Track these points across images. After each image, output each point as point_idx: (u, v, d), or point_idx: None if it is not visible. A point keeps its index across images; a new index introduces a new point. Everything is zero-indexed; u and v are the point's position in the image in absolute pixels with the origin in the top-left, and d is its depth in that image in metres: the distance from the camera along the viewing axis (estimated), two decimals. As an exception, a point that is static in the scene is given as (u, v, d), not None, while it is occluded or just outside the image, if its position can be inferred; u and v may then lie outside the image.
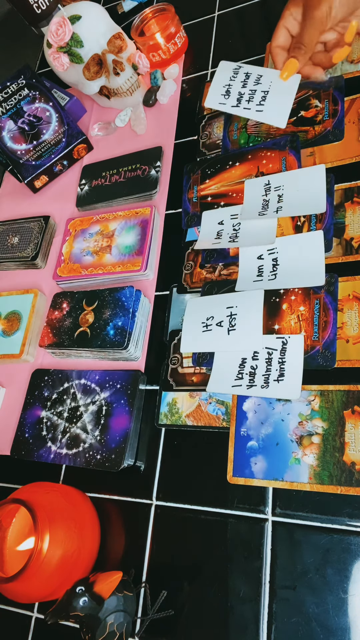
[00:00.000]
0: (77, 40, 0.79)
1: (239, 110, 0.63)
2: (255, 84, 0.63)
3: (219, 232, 0.68)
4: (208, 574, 0.53)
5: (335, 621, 0.46)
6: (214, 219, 0.70)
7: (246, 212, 0.67)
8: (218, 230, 0.68)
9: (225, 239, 0.66)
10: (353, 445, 0.50)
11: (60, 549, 0.52)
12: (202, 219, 0.71)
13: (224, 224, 0.68)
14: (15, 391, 0.75)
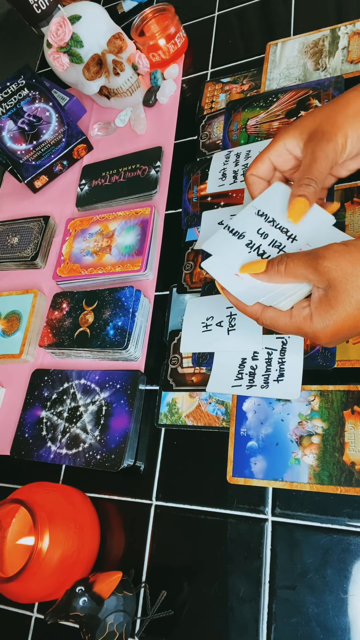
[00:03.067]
0: (77, 40, 0.79)
1: (236, 185, 0.70)
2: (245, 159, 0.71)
3: (219, 232, 0.68)
4: (208, 574, 0.53)
5: (335, 621, 0.46)
6: (214, 219, 0.70)
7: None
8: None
9: (225, 239, 0.66)
10: (353, 446, 0.50)
11: (60, 549, 0.52)
12: (202, 219, 0.71)
13: (224, 224, 0.68)
14: (15, 391, 0.75)
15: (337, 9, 0.79)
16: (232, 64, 0.84)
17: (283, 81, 0.76)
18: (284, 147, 0.48)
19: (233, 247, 0.47)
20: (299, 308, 0.43)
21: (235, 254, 0.47)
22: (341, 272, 0.39)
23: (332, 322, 0.40)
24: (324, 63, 0.73)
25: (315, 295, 0.42)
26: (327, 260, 0.39)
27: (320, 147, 0.44)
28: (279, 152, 0.48)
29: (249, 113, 0.75)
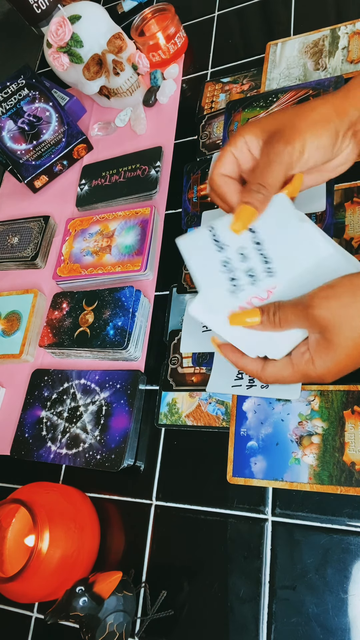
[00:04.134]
0: (77, 40, 0.79)
1: None
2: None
3: (219, 232, 0.68)
4: (208, 574, 0.53)
5: (335, 621, 0.46)
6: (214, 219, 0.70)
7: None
8: (218, 230, 0.68)
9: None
10: (353, 445, 0.50)
11: (60, 549, 0.52)
12: (202, 219, 0.71)
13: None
14: (15, 391, 0.75)
15: (337, 9, 0.79)
16: (232, 64, 0.84)
17: (283, 81, 0.76)
18: (244, 143, 0.44)
19: (209, 261, 0.43)
20: (298, 354, 0.42)
21: (214, 283, 0.43)
22: (332, 316, 0.38)
23: (333, 363, 0.40)
24: (324, 63, 0.73)
25: (312, 339, 0.41)
26: (317, 309, 0.38)
27: (276, 151, 0.41)
28: (240, 148, 0.44)
29: (249, 113, 0.75)
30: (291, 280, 0.41)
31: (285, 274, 0.41)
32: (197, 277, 0.44)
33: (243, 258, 0.43)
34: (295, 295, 0.41)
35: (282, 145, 0.41)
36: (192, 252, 0.44)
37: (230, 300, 0.43)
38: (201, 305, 0.44)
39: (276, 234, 0.42)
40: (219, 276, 0.43)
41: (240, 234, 0.42)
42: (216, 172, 0.45)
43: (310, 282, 0.40)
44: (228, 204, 0.45)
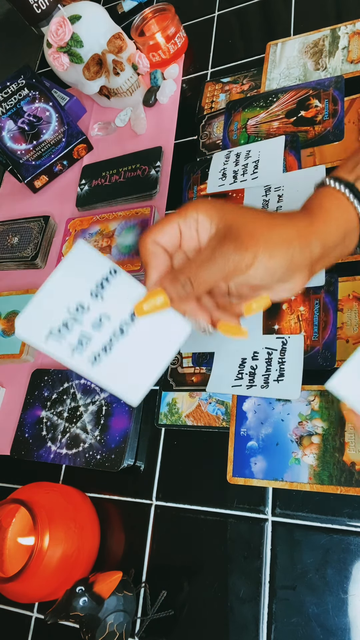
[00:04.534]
0: (77, 40, 0.79)
1: (236, 185, 0.70)
2: (245, 159, 0.71)
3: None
4: (208, 574, 0.53)
5: (335, 621, 0.46)
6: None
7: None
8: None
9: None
10: (353, 446, 0.50)
11: (60, 549, 0.52)
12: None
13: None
14: (15, 391, 0.75)
15: (337, 9, 0.79)
16: (232, 64, 0.84)
17: (283, 81, 0.76)
18: (195, 221, 0.38)
19: (72, 289, 0.38)
20: None
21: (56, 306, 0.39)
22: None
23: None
24: (324, 63, 0.74)
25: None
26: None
27: (224, 252, 0.36)
28: (189, 224, 0.38)
29: (249, 113, 0.75)
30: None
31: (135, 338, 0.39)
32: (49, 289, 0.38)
33: (86, 308, 0.38)
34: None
35: (232, 249, 0.36)
36: (69, 268, 0.38)
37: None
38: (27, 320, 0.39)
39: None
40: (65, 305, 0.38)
41: (139, 315, 0.38)
42: (150, 237, 0.39)
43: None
44: (146, 275, 0.39)
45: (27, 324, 0.37)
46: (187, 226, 0.39)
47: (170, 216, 0.39)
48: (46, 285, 0.36)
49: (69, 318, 0.37)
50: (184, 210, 0.39)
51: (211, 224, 0.38)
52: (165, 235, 0.39)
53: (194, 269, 0.37)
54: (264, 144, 0.71)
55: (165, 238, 0.39)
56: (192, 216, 0.38)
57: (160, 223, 0.39)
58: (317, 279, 0.57)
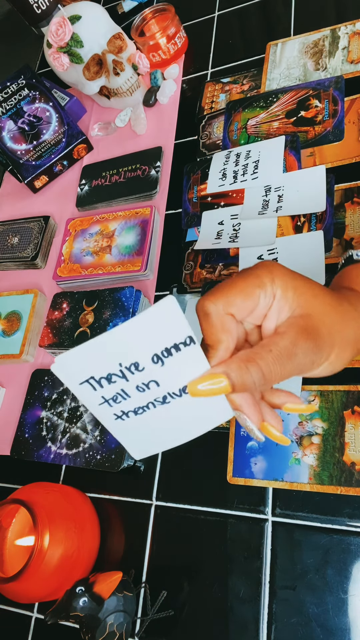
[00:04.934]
0: (77, 40, 0.79)
1: (236, 185, 0.69)
2: (245, 159, 0.70)
3: (219, 232, 0.68)
4: (208, 574, 0.53)
5: (335, 621, 0.46)
6: (214, 219, 0.70)
7: (246, 212, 0.67)
8: (218, 230, 0.68)
9: (225, 239, 0.66)
10: (353, 446, 0.50)
11: (60, 549, 0.52)
12: (202, 219, 0.71)
13: (224, 224, 0.68)
14: (15, 391, 0.75)
15: (337, 9, 0.79)
16: (232, 64, 0.84)
17: (283, 81, 0.76)
18: (272, 295, 0.32)
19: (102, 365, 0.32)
20: None
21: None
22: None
23: None
24: (324, 63, 0.74)
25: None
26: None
27: (305, 348, 0.32)
28: (268, 297, 0.32)
29: (249, 113, 0.75)
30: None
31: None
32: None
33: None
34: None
35: (312, 347, 0.32)
36: (146, 322, 0.30)
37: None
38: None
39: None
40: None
41: (194, 395, 0.32)
42: (227, 302, 0.31)
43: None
44: (208, 349, 0.32)
45: (67, 363, 0.31)
46: (265, 300, 0.32)
47: (246, 279, 0.32)
48: (114, 332, 0.29)
49: (116, 372, 0.31)
50: (258, 277, 0.32)
51: (285, 304, 0.32)
52: (243, 304, 0.32)
53: (270, 360, 0.31)
54: (264, 144, 0.71)
55: (242, 308, 0.32)
56: (269, 289, 0.32)
57: (236, 286, 0.32)
58: (318, 279, 0.57)
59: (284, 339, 0.32)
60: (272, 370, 0.31)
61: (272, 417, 0.35)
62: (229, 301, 0.32)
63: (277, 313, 0.32)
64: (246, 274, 0.32)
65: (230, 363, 0.31)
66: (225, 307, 0.32)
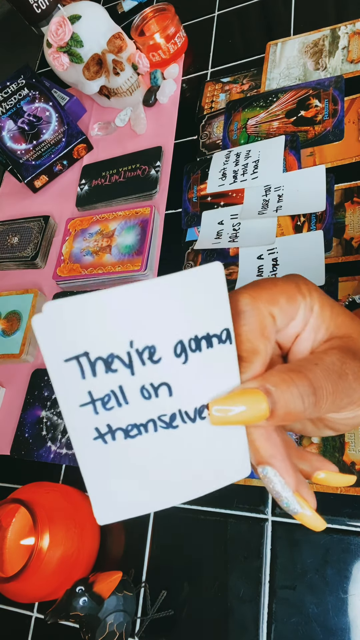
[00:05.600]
0: (77, 40, 0.79)
1: (236, 184, 0.69)
2: (245, 158, 0.70)
3: (219, 232, 0.68)
4: (208, 574, 0.53)
5: (335, 621, 0.46)
6: (214, 219, 0.70)
7: (246, 211, 0.67)
8: (218, 230, 0.68)
9: (225, 239, 0.66)
10: (353, 445, 0.50)
11: (60, 549, 0.52)
12: (202, 219, 0.71)
13: (224, 224, 0.68)
14: (15, 391, 0.75)
15: (337, 9, 0.79)
16: (232, 64, 0.84)
17: (283, 81, 0.76)
18: (310, 309, 0.26)
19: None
20: None
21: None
22: None
23: None
24: (324, 63, 0.74)
25: None
26: None
27: (357, 368, 0.25)
28: (307, 310, 0.26)
29: (249, 113, 0.75)
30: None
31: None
32: None
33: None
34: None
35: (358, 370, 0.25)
36: (182, 285, 0.22)
37: None
38: None
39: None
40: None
41: (212, 421, 0.23)
42: (267, 302, 0.25)
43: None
44: (241, 361, 0.24)
45: (58, 319, 0.20)
46: (305, 312, 0.26)
47: (286, 281, 0.26)
48: (138, 287, 0.21)
49: (122, 355, 0.22)
50: (295, 284, 0.26)
51: (322, 323, 0.26)
52: (287, 306, 0.25)
53: (320, 375, 0.24)
54: (264, 143, 0.71)
55: (286, 311, 0.25)
56: (308, 300, 0.26)
57: (278, 285, 0.25)
58: (318, 278, 0.57)
59: (329, 355, 0.25)
60: (323, 386, 0.23)
61: (303, 486, 0.25)
62: (272, 297, 0.24)
63: (314, 333, 0.26)
64: (282, 278, 0.26)
65: (269, 375, 0.23)
66: (267, 305, 0.24)
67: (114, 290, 0.20)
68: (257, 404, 0.22)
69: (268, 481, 0.24)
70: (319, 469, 0.27)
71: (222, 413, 0.23)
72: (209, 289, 0.22)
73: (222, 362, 0.23)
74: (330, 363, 0.24)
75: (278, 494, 0.24)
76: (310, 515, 0.25)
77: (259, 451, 0.24)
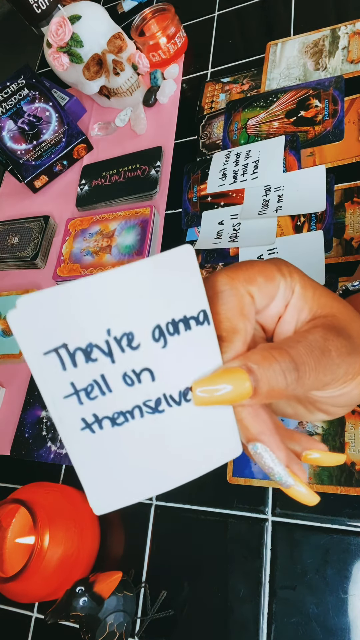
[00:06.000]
0: (77, 40, 0.79)
1: (236, 185, 0.69)
2: (245, 159, 0.70)
3: (219, 232, 0.68)
4: (208, 574, 0.53)
5: (335, 621, 0.46)
6: (214, 219, 0.70)
7: (246, 212, 0.67)
8: (218, 230, 0.68)
9: (225, 239, 0.66)
10: (353, 446, 0.50)
11: (60, 549, 0.52)
12: (202, 219, 0.71)
13: (224, 224, 0.68)
14: (15, 391, 0.75)
15: (337, 9, 0.79)
16: (232, 64, 0.84)
17: (283, 81, 0.76)
18: (291, 289, 0.26)
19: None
20: None
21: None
22: None
23: None
24: (324, 63, 0.74)
25: None
26: None
27: (339, 346, 0.25)
28: (287, 289, 0.26)
29: (249, 113, 0.75)
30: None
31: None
32: None
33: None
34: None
35: (346, 346, 0.25)
36: (153, 269, 0.22)
37: None
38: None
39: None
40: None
41: (198, 404, 0.23)
42: (244, 281, 0.25)
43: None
44: (221, 340, 0.24)
45: (32, 313, 0.20)
46: (285, 292, 0.26)
47: (264, 263, 0.26)
48: (108, 275, 0.21)
49: (101, 343, 0.22)
50: (275, 265, 0.26)
51: (305, 303, 0.26)
52: (266, 285, 0.25)
53: (302, 351, 0.24)
54: (264, 144, 0.71)
55: (264, 289, 0.25)
56: (289, 280, 0.26)
57: (255, 265, 0.26)
58: (318, 279, 0.57)
59: (312, 333, 0.25)
60: (305, 362, 0.24)
61: (294, 462, 0.26)
62: (250, 276, 0.25)
63: (297, 313, 0.26)
64: (262, 260, 0.27)
65: (251, 354, 0.23)
66: (245, 284, 0.25)
67: (86, 280, 0.20)
68: (240, 382, 0.22)
69: (259, 457, 0.25)
70: (309, 449, 0.27)
71: (205, 393, 0.23)
72: (182, 272, 0.22)
73: (202, 344, 0.23)
74: (313, 340, 0.25)
75: (270, 468, 0.25)
76: (302, 490, 0.25)
77: (248, 429, 0.25)
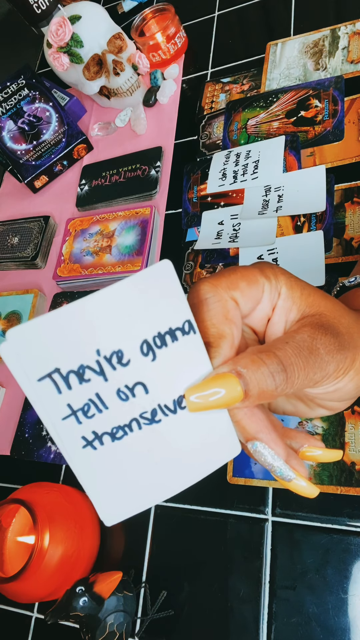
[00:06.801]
0: (77, 40, 0.79)
1: (236, 185, 0.69)
2: (245, 159, 0.70)
3: (219, 232, 0.68)
4: (208, 574, 0.53)
5: (335, 621, 0.46)
6: (214, 219, 0.70)
7: (246, 212, 0.67)
8: (218, 230, 0.68)
9: (225, 239, 0.66)
10: (353, 446, 0.50)
11: (60, 549, 0.52)
12: (202, 219, 0.71)
13: (224, 224, 0.68)
14: (15, 391, 0.75)
15: (337, 9, 0.79)
16: (232, 64, 0.84)
17: (283, 81, 0.76)
18: (277, 292, 0.27)
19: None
20: None
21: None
22: None
23: None
24: (324, 63, 0.74)
25: None
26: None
27: (326, 343, 0.26)
28: (273, 292, 0.27)
29: (249, 113, 0.75)
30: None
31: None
32: None
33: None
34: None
35: (334, 343, 0.26)
36: (134, 290, 0.23)
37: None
38: None
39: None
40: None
41: (192, 410, 0.24)
42: (229, 288, 0.26)
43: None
44: (209, 347, 0.25)
45: (24, 343, 0.21)
46: (270, 295, 0.27)
47: (247, 268, 0.27)
48: (92, 299, 0.21)
49: (92, 364, 0.22)
50: (259, 269, 0.27)
51: (293, 304, 0.27)
52: (248, 289, 0.26)
53: (290, 352, 0.24)
54: (264, 144, 0.71)
55: (248, 294, 0.26)
56: (273, 283, 0.26)
57: (238, 271, 0.26)
58: (318, 279, 0.58)
59: (300, 332, 0.26)
60: (293, 363, 0.24)
61: (292, 457, 0.27)
62: (232, 282, 0.25)
63: (285, 314, 0.27)
64: (245, 265, 0.27)
65: (240, 358, 0.24)
66: (227, 290, 0.25)
67: (70, 306, 0.21)
68: (231, 387, 0.23)
69: (259, 455, 0.26)
70: (304, 445, 0.28)
71: (198, 400, 0.23)
72: (163, 287, 0.23)
73: (191, 352, 0.24)
74: (301, 340, 0.25)
75: (270, 465, 0.26)
76: (303, 484, 0.26)
77: (245, 429, 0.25)
